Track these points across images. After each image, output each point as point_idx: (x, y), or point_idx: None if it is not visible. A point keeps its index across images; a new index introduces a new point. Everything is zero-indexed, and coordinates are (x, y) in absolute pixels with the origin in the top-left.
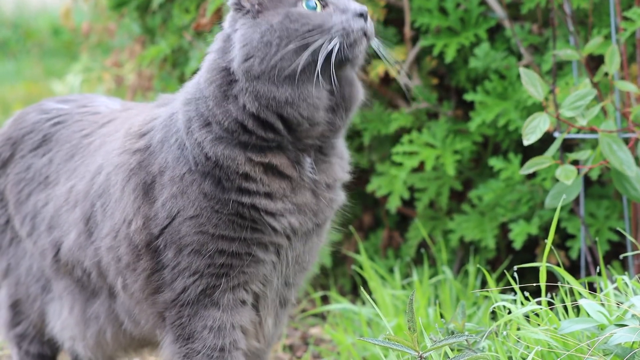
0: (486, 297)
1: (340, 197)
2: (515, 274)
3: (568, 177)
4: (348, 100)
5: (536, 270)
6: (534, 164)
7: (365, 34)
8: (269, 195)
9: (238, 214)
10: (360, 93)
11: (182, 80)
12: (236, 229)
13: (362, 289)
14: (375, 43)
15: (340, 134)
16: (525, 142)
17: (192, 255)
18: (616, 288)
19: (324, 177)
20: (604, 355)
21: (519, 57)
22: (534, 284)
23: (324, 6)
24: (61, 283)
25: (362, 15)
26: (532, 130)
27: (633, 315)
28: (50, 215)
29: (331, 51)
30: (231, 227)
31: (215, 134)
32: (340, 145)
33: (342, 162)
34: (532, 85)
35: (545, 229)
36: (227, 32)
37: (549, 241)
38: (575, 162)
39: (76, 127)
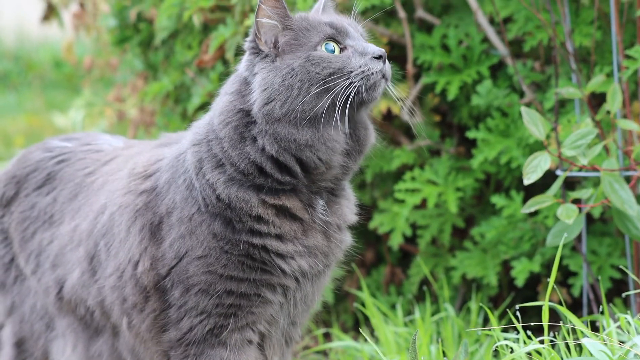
0: (489, 334)
1: (348, 238)
2: (518, 312)
3: (569, 216)
4: (362, 144)
5: (539, 306)
6: (536, 203)
7: (384, 76)
8: (279, 237)
9: (248, 255)
10: (372, 136)
11: (184, 116)
12: (245, 270)
13: (364, 326)
14: (391, 90)
15: (350, 176)
16: (526, 182)
17: (200, 294)
18: (619, 327)
19: (335, 219)
20: None
21: (521, 94)
22: (536, 324)
23: (342, 49)
24: (64, 321)
25: (380, 57)
26: (533, 170)
27: (635, 355)
28: (55, 253)
29: (351, 94)
30: (240, 268)
31: (229, 175)
32: (348, 188)
33: (349, 203)
34: (534, 125)
35: (547, 266)
36: (244, 75)
37: (551, 280)
38: (576, 201)
39: (79, 165)
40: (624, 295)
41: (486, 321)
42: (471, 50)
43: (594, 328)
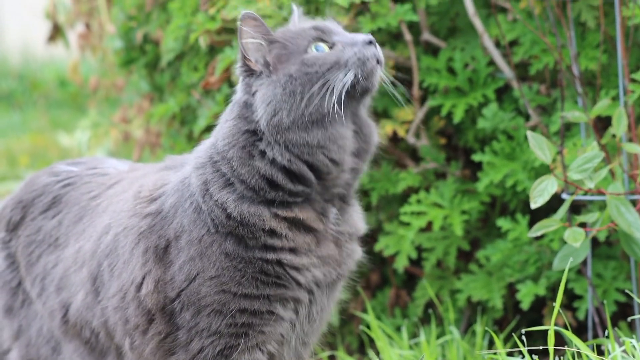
0: (494, 358)
1: (359, 250)
2: (523, 336)
3: (576, 240)
4: (369, 142)
5: (544, 329)
6: (543, 227)
7: (378, 61)
8: (293, 251)
9: (262, 271)
10: (376, 134)
11: (190, 137)
12: (259, 286)
13: (369, 349)
14: (385, 78)
15: (359, 178)
16: (533, 206)
17: (213, 315)
18: (624, 350)
19: (347, 227)
20: None
21: (527, 117)
22: (542, 347)
23: (331, 47)
24: (70, 345)
25: (371, 42)
26: (540, 194)
27: None
28: (59, 276)
29: (353, 83)
30: (254, 284)
31: (239, 193)
32: (354, 202)
33: (358, 213)
34: (540, 149)
35: (552, 290)
36: (243, 99)
37: (557, 304)
38: (582, 224)
39: (84, 189)
40: (629, 319)
41: (491, 344)
42: (477, 73)
43: (599, 352)
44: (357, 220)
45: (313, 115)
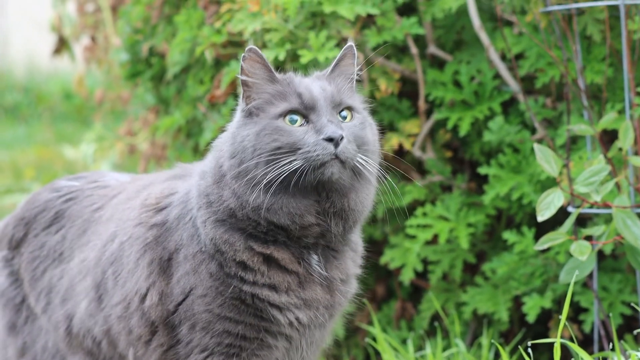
0: None
1: (354, 287)
2: (529, 349)
3: (583, 253)
4: (340, 211)
5: (550, 342)
6: (549, 240)
7: (337, 157)
8: (272, 287)
9: (240, 299)
10: (358, 204)
11: (196, 150)
12: (241, 312)
13: None
14: (360, 158)
15: (347, 235)
16: (540, 219)
17: (202, 332)
18: None
19: (338, 273)
20: None
21: (533, 130)
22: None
23: (306, 122)
24: (75, 358)
25: (331, 140)
26: (547, 207)
27: None
28: (65, 288)
29: (299, 170)
30: (235, 310)
31: (216, 215)
32: (355, 238)
33: (355, 255)
34: (546, 162)
35: (558, 302)
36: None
37: (563, 317)
38: (588, 237)
39: (87, 202)
40: (635, 332)
41: (497, 357)
42: (483, 86)
43: None
44: (351, 265)
45: (256, 179)
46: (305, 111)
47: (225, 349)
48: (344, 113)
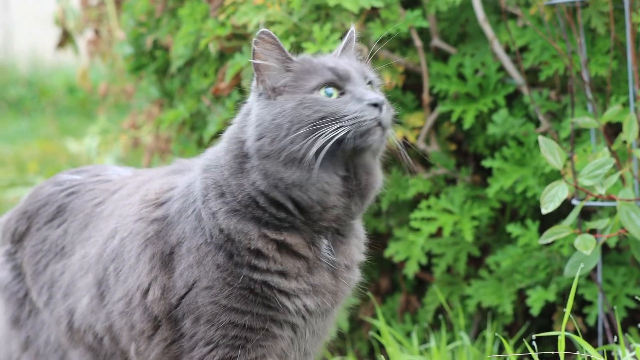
0: None
1: (357, 275)
2: (534, 342)
3: (587, 247)
4: (364, 188)
5: (554, 335)
6: (553, 234)
7: (380, 124)
8: (282, 274)
9: (249, 289)
10: (378, 182)
11: (200, 143)
12: (248, 303)
13: (379, 354)
14: (394, 140)
15: (357, 217)
16: (544, 211)
17: (207, 324)
18: (634, 356)
19: (343, 259)
20: None
21: (537, 123)
22: (552, 352)
23: (341, 94)
24: (76, 352)
25: (376, 105)
26: (551, 199)
27: None
28: (67, 283)
29: (343, 139)
30: (243, 300)
31: (230, 205)
32: (357, 225)
33: (358, 242)
34: (551, 154)
35: (562, 295)
36: (249, 107)
37: (567, 310)
38: (593, 231)
39: (88, 196)
40: (639, 325)
41: (501, 350)
42: (487, 79)
43: (610, 357)
44: (355, 251)
45: (293, 154)
46: (340, 82)
47: (231, 341)
48: (368, 86)
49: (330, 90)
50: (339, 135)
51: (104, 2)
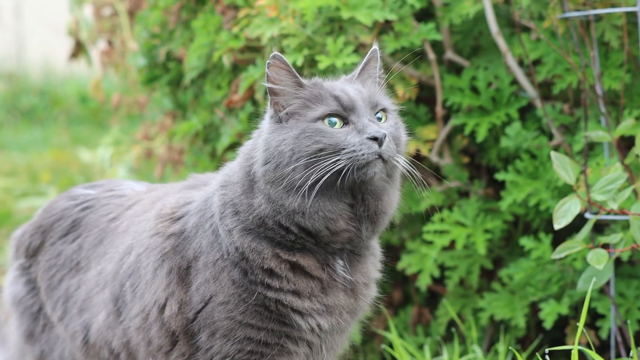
0: None
1: (374, 291)
2: (547, 356)
3: (600, 262)
4: (374, 214)
5: (566, 348)
6: (566, 248)
7: (380, 156)
8: (296, 293)
9: (264, 306)
10: (389, 207)
11: (213, 155)
12: (263, 319)
13: None
14: (401, 160)
15: (372, 240)
16: (556, 226)
17: (223, 339)
18: None
19: (361, 277)
20: None
21: (550, 136)
22: None
23: (345, 123)
24: None
25: (376, 139)
26: (563, 215)
27: None
28: (82, 298)
29: (341, 171)
30: (258, 317)
31: (244, 224)
32: (374, 242)
33: (375, 260)
34: (564, 169)
35: (575, 309)
36: (263, 127)
37: (580, 324)
38: (606, 245)
39: (103, 211)
40: None
41: None
42: (500, 92)
43: None
44: (372, 269)
45: (295, 182)
46: (344, 113)
47: (246, 356)
48: (379, 115)
49: (335, 119)
50: (336, 169)
51: (117, 13)
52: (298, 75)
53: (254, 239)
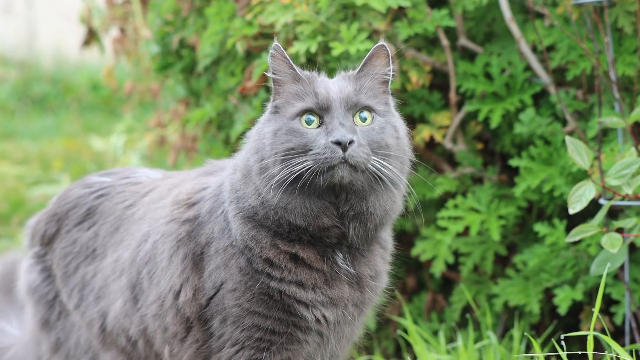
0: None
1: (384, 282)
2: (562, 341)
3: (614, 246)
4: (360, 214)
5: (580, 334)
6: (580, 232)
7: (345, 160)
8: (299, 284)
9: (268, 295)
10: (379, 207)
11: (227, 142)
12: (269, 307)
13: (406, 353)
14: (379, 164)
15: (372, 237)
16: (571, 211)
17: (233, 326)
18: None
19: (367, 270)
20: None
21: (564, 122)
22: (580, 352)
23: (321, 123)
24: (108, 355)
25: (339, 143)
26: (578, 199)
27: None
28: (99, 286)
29: (309, 171)
30: (264, 305)
31: (242, 212)
32: (385, 235)
33: (384, 252)
34: (578, 154)
35: (589, 294)
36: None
37: (595, 309)
38: (620, 230)
39: (119, 198)
40: None
41: (528, 349)
42: (514, 78)
43: (638, 357)
44: (379, 261)
45: (274, 177)
46: (319, 112)
47: (256, 343)
48: (364, 114)
49: (312, 117)
50: (302, 170)
51: (129, 1)
52: (295, 68)
53: (253, 227)
